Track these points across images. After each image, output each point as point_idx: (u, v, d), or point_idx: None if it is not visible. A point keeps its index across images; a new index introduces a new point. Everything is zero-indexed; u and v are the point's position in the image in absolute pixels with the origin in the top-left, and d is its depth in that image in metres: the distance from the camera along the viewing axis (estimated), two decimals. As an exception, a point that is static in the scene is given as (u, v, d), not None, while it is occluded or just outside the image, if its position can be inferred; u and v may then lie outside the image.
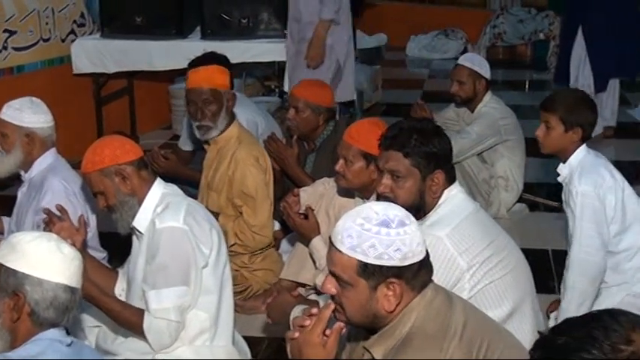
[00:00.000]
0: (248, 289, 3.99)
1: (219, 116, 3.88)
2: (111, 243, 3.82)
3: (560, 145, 3.38)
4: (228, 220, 3.92)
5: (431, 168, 2.70)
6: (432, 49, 10.33)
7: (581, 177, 3.34)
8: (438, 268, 2.49)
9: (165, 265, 2.84)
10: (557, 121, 3.34)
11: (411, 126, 2.75)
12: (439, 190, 2.72)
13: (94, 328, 3.13)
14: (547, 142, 3.40)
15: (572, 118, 3.32)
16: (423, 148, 2.70)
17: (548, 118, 3.36)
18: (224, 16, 5.80)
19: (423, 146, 2.70)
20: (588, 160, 3.38)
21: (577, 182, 3.33)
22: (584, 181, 3.33)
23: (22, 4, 5.72)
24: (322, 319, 2.05)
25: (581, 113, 3.34)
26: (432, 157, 2.70)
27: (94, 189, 2.93)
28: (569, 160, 3.39)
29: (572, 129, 3.33)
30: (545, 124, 3.37)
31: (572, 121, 3.32)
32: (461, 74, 4.92)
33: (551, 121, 3.35)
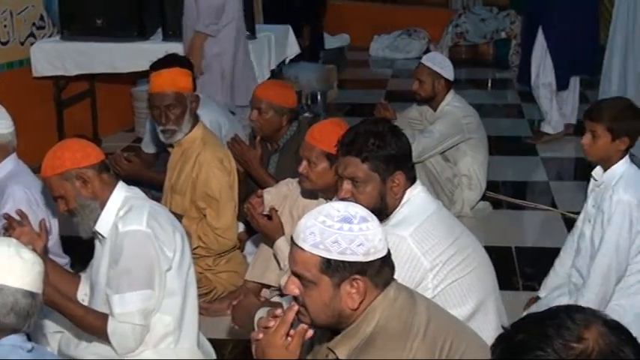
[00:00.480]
0: (213, 292, 3.98)
1: (183, 119, 3.86)
2: (73, 248, 3.78)
3: (606, 153, 3.35)
4: (191, 222, 3.90)
5: (390, 170, 2.70)
6: (395, 49, 10.37)
7: (627, 187, 3.31)
8: (402, 267, 2.50)
9: (128, 268, 2.82)
10: (603, 130, 3.31)
11: (367, 130, 2.73)
12: (400, 190, 2.73)
13: (57, 333, 3.10)
14: (593, 151, 3.37)
15: (620, 127, 3.30)
16: (381, 151, 2.69)
17: (595, 127, 3.33)
18: (185, 17, 5.77)
19: (380, 149, 2.69)
20: (632, 171, 3.37)
21: (622, 191, 3.31)
22: (630, 191, 3.31)
23: (-21, 7, 5.67)
24: (285, 321, 2.05)
25: (629, 122, 3.33)
26: (390, 159, 2.69)
27: (54, 193, 2.90)
28: (612, 168, 3.37)
29: (619, 138, 3.31)
30: (592, 133, 3.34)
31: (619, 130, 3.30)
32: (421, 73, 4.95)
33: (598, 130, 3.32)
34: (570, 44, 6.46)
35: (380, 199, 2.70)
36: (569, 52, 6.49)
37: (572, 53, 6.51)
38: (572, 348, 1.44)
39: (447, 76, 4.94)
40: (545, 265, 4.39)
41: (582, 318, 1.48)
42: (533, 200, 5.40)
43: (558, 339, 1.45)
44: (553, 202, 5.38)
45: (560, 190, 5.63)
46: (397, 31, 10.50)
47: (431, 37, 10.47)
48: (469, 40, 10.25)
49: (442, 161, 5.00)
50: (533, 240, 4.83)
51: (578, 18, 6.45)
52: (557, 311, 1.52)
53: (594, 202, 3.47)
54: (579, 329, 1.46)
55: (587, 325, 1.47)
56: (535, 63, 6.60)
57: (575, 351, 1.44)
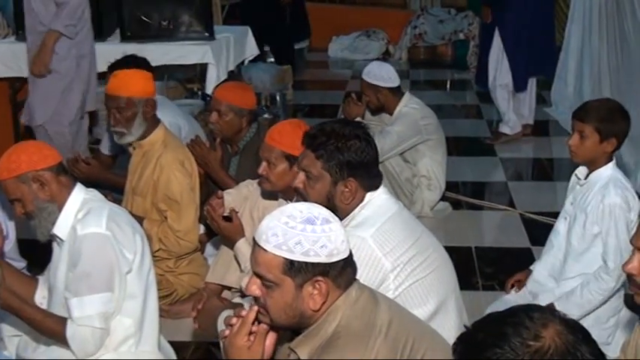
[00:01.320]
0: (173, 294, 3.96)
1: (133, 123, 3.81)
2: (30, 251, 3.74)
3: (593, 154, 3.35)
4: (152, 225, 3.87)
5: (343, 175, 2.69)
6: (354, 50, 10.39)
7: (616, 189, 3.32)
8: (363, 269, 2.51)
9: (87, 272, 2.79)
10: (592, 130, 3.31)
11: (333, 129, 2.72)
12: (350, 197, 2.71)
13: (14, 337, 3.06)
14: (580, 152, 3.36)
15: (609, 128, 3.30)
16: (338, 154, 2.68)
17: (583, 127, 3.32)
18: (144, 18, 5.74)
19: (337, 152, 2.68)
20: (619, 175, 3.38)
21: (613, 193, 3.31)
22: (620, 193, 3.31)
23: None
24: (246, 321, 2.05)
25: (617, 123, 3.33)
26: (345, 164, 2.68)
27: (10, 196, 2.86)
28: (599, 170, 3.37)
29: (607, 139, 3.31)
30: (580, 133, 3.33)
31: (608, 132, 3.30)
32: (363, 88, 5.00)
33: (586, 130, 3.31)
34: (527, 45, 6.52)
35: (327, 200, 2.69)
36: (526, 53, 6.56)
37: (528, 54, 6.57)
38: (528, 346, 1.45)
39: (388, 84, 4.94)
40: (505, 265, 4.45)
41: (540, 317, 1.50)
42: (492, 200, 5.45)
43: (516, 337, 1.46)
44: (511, 202, 5.42)
45: (519, 190, 5.68)
46: (356, 32, 10.53)
47: (390, 38, 10.51)
48: (427, 41, 10.31)
49: (401, 162, 5.02)
50: (492, 240, 4.87)
51: (534, 19, 6.52)
52: (516, 310, 1.53)
53: (574, 199, 3.48)
54: (536, 327, 1.48)
55: (545, 324, 1.48)
56: (492, 64, 6.66)
57: (531, 349, 1.45)
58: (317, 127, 2.76)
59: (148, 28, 5.75)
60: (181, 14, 5.78)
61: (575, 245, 3.42)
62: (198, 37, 5.78)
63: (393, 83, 4.97)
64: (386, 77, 4.95)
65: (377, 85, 4.93)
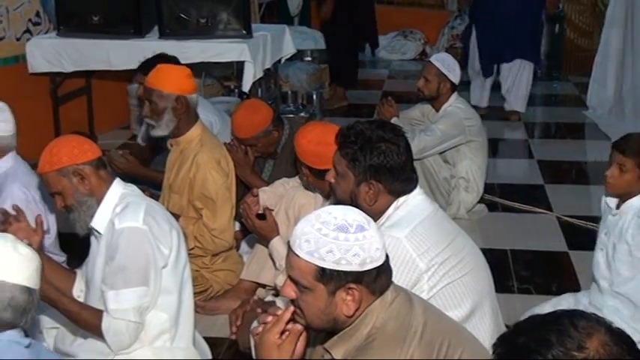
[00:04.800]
0: (209, 290, 3.97)
1: (162, 117, 3.83)
2: (70, 245, 3.77)
3: (630, 188, 3.31)
4: (188, 222, 3.89)
5: (366, 177, 2.68)
6: (391, 50, 10.36)
7: None
8: (397, 269, 2.50)
9: (124, 265, 2.81)
10: (633, 165, 3.27)
11: (362, 130, 2.72)
12: (373, 200, 2.69)
13: (53, 329, 3.09)
14: (617, 185, 3.32)
15: None
16: (360, 155, 2.68)
17: (624, 161, 3.28)
18: (182, 15, 5.76)
19: (361, 154, 2.68)
20: None
21: None
22: None
23: (-25, 3, 5.65)
24: (281, 320, 2.05)
25: None
26: (369, 168, 2.68)
27: (51, 189, 2.90)
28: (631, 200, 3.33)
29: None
30: (619, 166, 3.29)
31: None
32: (429, 72, 4.97)
33: (627, 164, 3.27)
34: (494, 33, 7.16)
35: (351, 199, 2.69)
36: (492, 40, 7.19)
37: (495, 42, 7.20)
38: (571, 356, 1.43)
39: (454, 79, 4.96)
40: (541, 268, 4.41)
41: (585, 325, 1.47)
42: (528, 203, 5.40)
43: (559, 346, 1.44)
44: (548, 205, 5.37)
45: (556, 193, 5.62)
46: (393, 33, 10.50)
47: (427, 39, 10.47)
48: (465, 42, 10.25)
49: (440, 161, 5.01)
50: (528, 243, 4.82)
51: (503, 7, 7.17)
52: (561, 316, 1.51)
53: (608, 231, 3.43)
54: (581, 337, 1.45)
55: (590, 334, 1.46)
56: (472, 54, 7.21)
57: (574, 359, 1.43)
58: (350, 125, 2.77)
59: (186, 26, 5.77)
60: (219, 12, 5.79)
61: (624, 274, 3.37)
62: (236, 34, 5.79)
63: (456, 80, 4.99)
64: (455, 71, 4.97)
65: (445, 75, 4.93)
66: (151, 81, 3.85)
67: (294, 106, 6.86)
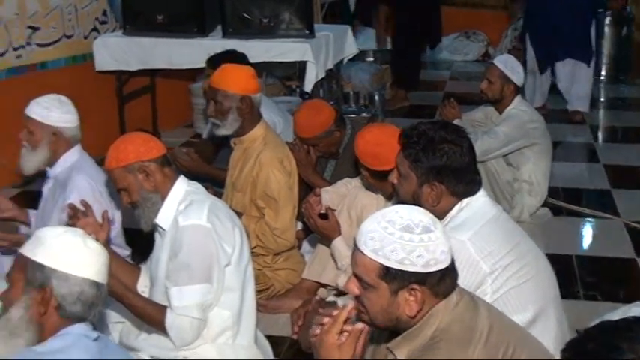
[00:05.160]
0: (270, 289, 3.98)
1: (227, 117, 3.86)
2: (134, 240, 3.82)
3: None
4: (250, 221, 3.90)
5: (429, 178, 2.67)
6: (454, 50, 10.29)
7: None
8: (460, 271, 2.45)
9: (188, 262, 2.84)
10: None
11: (425, 131, 2.70)
12: (435, 201, 2.67)
13: (118, 323, 3.14)
14: None
15: None
16: (423, 156, 2.66)
17: None
18: (245, 15, 5.79)
19: (423, 155, 2.66)
20: None
21: None
22: None
23: (45, 1, 5.74)
24: (338, 320, 2.04)
25: None
26: (432, 169, 2.66)
27: (117, 185, 2.94)
28: None
29: None
30: None
31: None
32: (492, 73, 4.93)
33: None
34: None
35: (413, 200, 2.67)
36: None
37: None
38: None
39: (517, 81, 4.91)
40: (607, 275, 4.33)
41: None
42: (594, 208, 5.30)
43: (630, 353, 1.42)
44: (615, 210, 5.27)
45: (622, 198, 5.52)
46: (455, 33, 10.42)
47: (489, 40, 10.37)
48: (528, 44, 10.12)
49: (504, 164, 4.96)
50: (594, 248, 4.74)
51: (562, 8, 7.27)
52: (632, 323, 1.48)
53: None
54: None
55: None
56: None
57: None
58: (413, 126, 2.76)
59: (249, 25, 5.80)
60: (282, 12, 5.81)
61: None
62: (299, 34, 5.80)
63: (520, 82, 4.95)
64: (518, 73, 4.94)
65: (509, 77, 4.88)
66: (215, 81, 3.87)
67: (356, 106, 6.85)
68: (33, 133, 3.51)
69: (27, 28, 5.60)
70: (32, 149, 3.52)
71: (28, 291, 2.12)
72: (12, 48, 5.51)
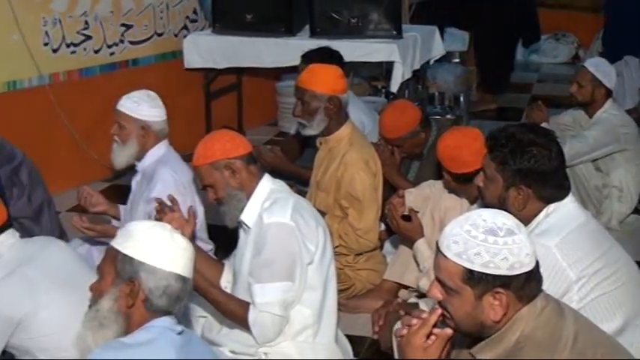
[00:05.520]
0: (351, 288, 3.99)
1: (314, 117, 3.87)
2: (217, 236, 3.87)
3: None
4: (334, 220, 3.91)
5: (515, 181, 2.64)
6: (542, 53, 10.12)
7: None
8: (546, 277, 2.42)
9: (271, 260, 2.87)
10: None
11: (513, 133, 2.68)
12: (522, 205, 2.64)
13: (200, 318, 3.19)
14: None
15: None
16: (510, 159, 2.64)
17: None
18: (334, 14, 5.81)
19: (511, 157, 2.64)
20: None
21: None
22: None
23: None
24: (427, 322, 2.05)
25: None
26: (518, 171, 2.63)
27: (204, 182, 2.99)
28: None
29: None
30: None
31: None
32: (582, 77, 4.83)
33: None
34: None
35: (500, 203, 2.65)
36: None
37: None
38: None
39: (609, 85, 4.80)
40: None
41: None
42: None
43: None
44: None
45: None
46: (545, 35, 10.23)
47: (580, 42, 10.16)
48: (620, 46, 9.89)
49: (592, 169, 4.86)
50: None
51: None
52: None
53: None
54: None
55: None
56: None
57: None
58: (501, 128, 2.74)
59: (337, 25, 5.81)
60: (370, 12, 5.80)
61: None
62: (386, 35, 5.79)
63: (612, 85, 4.85)
64: (611, 77, 4.84)
65: (601, 80, 4.79)
66: (303, 81, 3.89)
67: (441, 107, 6.80)
68: (123, 127, 3.60)
69: (120, 25, 5.74)
70: (122, 143, 3.62)
71: (117, 283, 2.17)
72: (106, 45, 5.66)
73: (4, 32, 5.02)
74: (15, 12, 5.01)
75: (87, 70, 5.56)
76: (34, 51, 5.13)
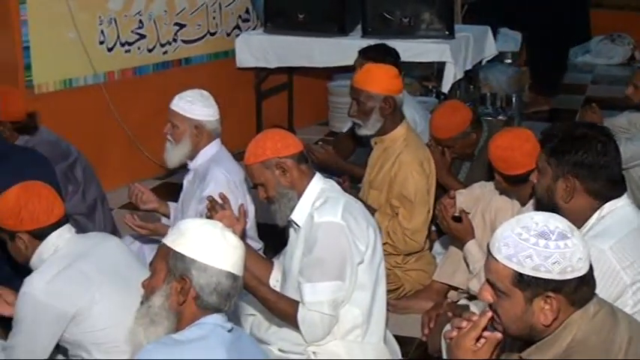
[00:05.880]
0: (400, 289, 3.98)
1: (369, 117, 3.87)
2: (267, 235, 3.89)
3: None
4: (384, 218, 3.91)
5: (563, 171, 2.62)
6: (597, 54, 9.97)
7: None
8: (600, 280, 2.40)
9: (321, 259, 2.87)
10: None
11: (567, 127, 2.70)
12: (569, 196, 2.62)
13: (249, 316, 3.20)
14: None
15: None
16: (559, 148, 2.63)
17: None
18: (386, 14, 5.80)
19: (560, 147, 2.63)
20: None
21: None
22: None
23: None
24: (478, 325, 2.04)
25: None
26: (566, 161, 2.61)
27: (255, 180, 3.00)
28: None
29: None
30: None
31: None
32: (638, 78, 4.76)
33: None
34: None
35: (548, 196, 2.64)
36: None
37: None
38: None
39: None
40: None
41: None
42: None
43: None
44: None
45: None
46: (600, 36, 10.10)
47: (636, 43, 10.00)
48: (679, 48, 9.73)
49: (648, 172, 4.78)
50: None
51: None
52: None
53: None
54: None
55: None
56: None
57: None
58: (556, 124, 2.72)
59: (389, 25, 5.80)
60: (423, 12, 5.78)
61: None
62: (438, 35, 5.76)
63: None
64: None
65: None
66: (359, 81, 3.89)
67: (493, 108, 6.74)
68: (177, 127, 3.63)
69: (174, 25, 5.80)
70: (176, 143, 3.65)
71: (169, 280, 2.19)
72: (159, 44, 5.72)
73: (62, 30, 5.10)
74: (72, 11, 5.09)
75: (140, 69, 5.63)
76: (89, 49, 5.21)
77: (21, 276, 2.86)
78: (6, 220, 2.80)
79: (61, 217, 2.84)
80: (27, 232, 2.80)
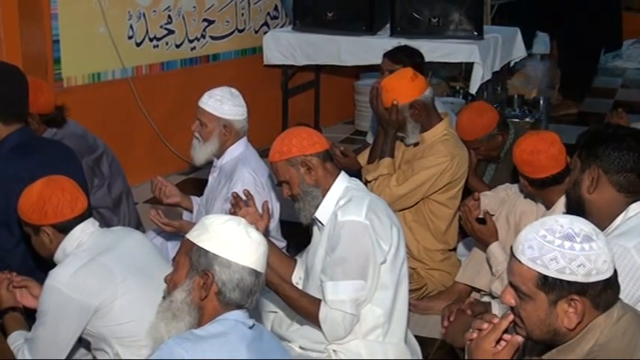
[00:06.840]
0: (423, 289, 3.98)
1: (406, 128, 3.93)
2: (290, 232, 3.90)
3: None
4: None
5: (590, 163, 2.62)
6: (627, 57, 9.89)
7: None
8: (623, 279, 2.38)
9: (344, 258, 2.87)
10: None
11: (597, 129, 2.70)
12: (592, 187, 2.61)
13: (271, 313, 3.20)
14: None
15: None
16: (588, 141, 2.64)
17: None
18: (414, 14, 5.78)
19: (589, 139, 2.64)
20: None
21: None
22: None
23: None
24: (498, 327, 2.02)
25: None
26: (592, 153, 2.62)
27: (279, 178, 3.00)
28: None
29: None
30: None
31: None
32: None
33: None
34: None
35: (574, 187, 2.65)
36: None
37: None
38: None
39: None
40: None
41: None
42: None
43: None
44: None
45: None
46: (630, 40, 10.00)
47: (667, 47, 9.91)
48: None
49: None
50: None
51: None
52: None
53: None
54: None
55: None
56: None
57: None
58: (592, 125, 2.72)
59: (418, 25, 5.78)
60: (452, 12, 5.76)
61: None
62: (467, 35, 5.73)
63: None
64: None
65: None
66: (386, 92, 3.93)
67: (520, 110, 6.71)
68: (205, 125, 3.63)
69: (202, 21, 5.83)
70: (203, 141, 3.65)
71: (191, 275, 2.20)
72: (187, 40, 5.75)
73: (91, 25, 5.14)
74: (102, 5, 5.12)
75: (168, 64, 5.67)
76: (118, 44, 5.25)
77: (43, 270, 2.88)
78: (30, 213, 2.82)
79: (84, 210, 2.86)
80: (51, 226, 2.81)
